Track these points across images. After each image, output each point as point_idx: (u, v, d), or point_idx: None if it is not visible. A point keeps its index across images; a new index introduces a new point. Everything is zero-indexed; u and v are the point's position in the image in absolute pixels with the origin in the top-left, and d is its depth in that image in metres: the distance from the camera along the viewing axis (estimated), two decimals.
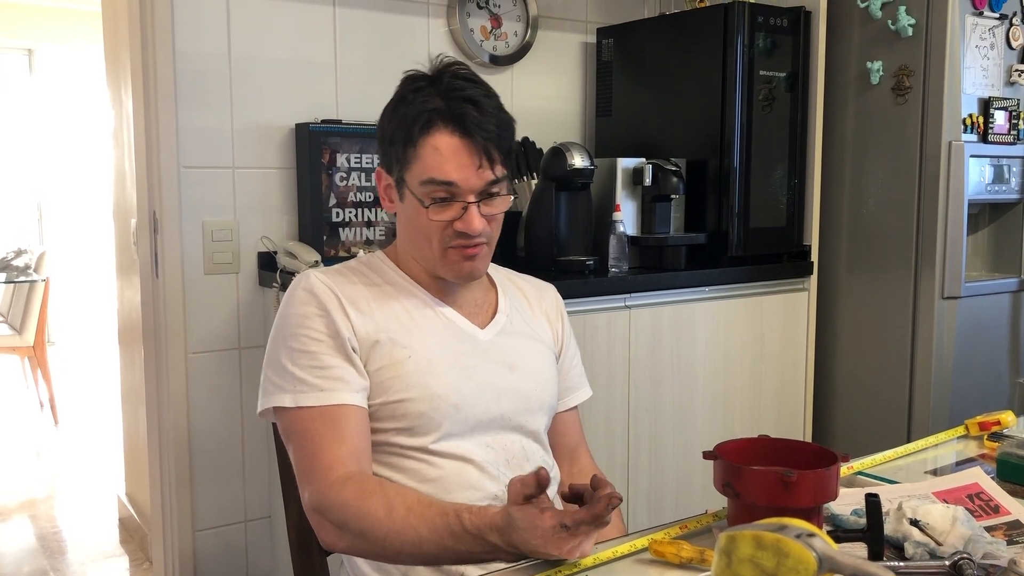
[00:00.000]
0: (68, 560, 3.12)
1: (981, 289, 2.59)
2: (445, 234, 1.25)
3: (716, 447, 1.05)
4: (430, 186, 1.23)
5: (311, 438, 1.19)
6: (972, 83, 2.50)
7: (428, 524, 1.08)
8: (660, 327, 2.36)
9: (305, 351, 1.22)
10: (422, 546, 1.08)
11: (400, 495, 1.13)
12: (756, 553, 0.62)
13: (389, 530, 1.09)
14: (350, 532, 1.14)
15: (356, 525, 1.12)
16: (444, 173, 1.22)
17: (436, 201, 1.24)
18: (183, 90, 2.18)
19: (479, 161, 1.23)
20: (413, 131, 1.23)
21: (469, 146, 1.22)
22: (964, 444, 1.49)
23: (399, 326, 1.26)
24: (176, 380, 2.21)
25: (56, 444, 4.52)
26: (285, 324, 1.25)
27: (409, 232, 1.30)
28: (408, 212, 1.28)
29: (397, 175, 1.27)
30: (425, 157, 1.23)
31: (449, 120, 1.23)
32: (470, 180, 1.23)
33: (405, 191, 1.27)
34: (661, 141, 2.62)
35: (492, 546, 1.03)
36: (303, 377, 1.20)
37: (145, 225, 2.27)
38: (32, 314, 4.77)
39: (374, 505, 1.11)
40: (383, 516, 1.10)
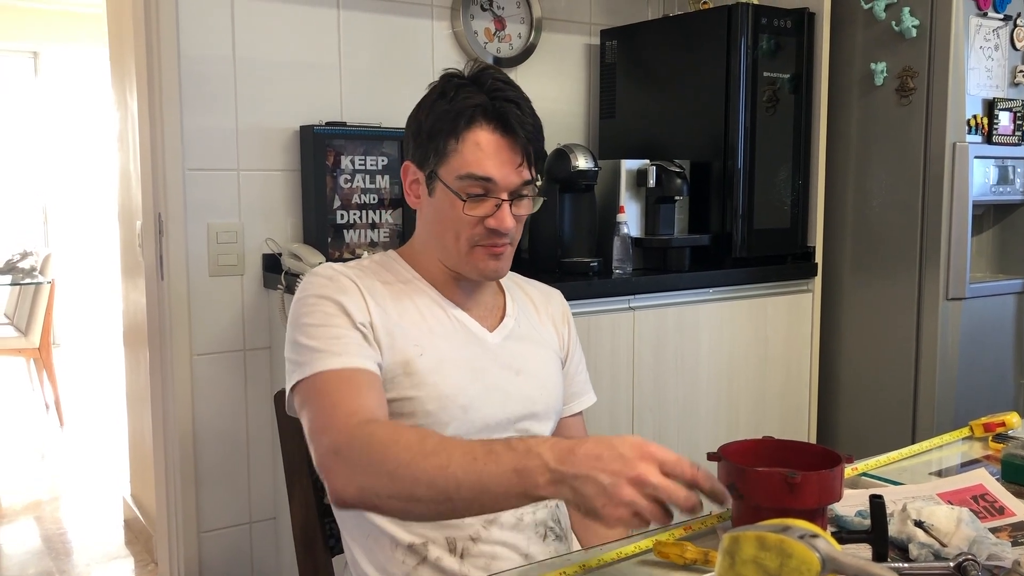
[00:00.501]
0: (73, 562, 3.12)
1: (985, 290, 2.59)
2: (475, 231, 1.25)
3: (720, 448, 1.05)
4: (467, 181, 1.23)
5: (329, 394, 1.15)
6: (976, 84, 2.49)
7: (462, 447, 1.00)
8: (664, 328, 2.36)
9: (319, 324, 1.20)
10: (448, 468, 0.98)
11: (431, 431, 1.09)
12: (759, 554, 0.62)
13: (418, 453, 1.01)
14: (372, 467, 1.04)
15: (381, 454, 1.04)
16: (484, 169, 1.22)
17: (471, 197, 1.23)
18: (188, 92, 2.18)
19: (519, 159, 1.24)
20: (458, 125, 1.23)
21: (511, 144, 1.23)
22: (969, 445, 1.49)
23: (411, 324, 1.26)
24: (181, 382, 2.22)
25: (61, 446, 4.53)
26: (302, 306, 1.24)
27: (435, 228, 1.29)
28: (438, 207, 1.27)
29: (430, 169, 1.26)
30: (465, 152, 1.23)
31: (492, 117, 1.23)
32: (508, 178, 1.24)
33: (437, 185, 1.26)
34: (665, 143, 2.62)
35: (534, 457, 0.93)
36: (315, 346, 1.18)
37: (150, 227, 2.27)
38: (37, 316, 4.78)
39: (407, 434, 1.05)
40: (415, 441, 1.03)
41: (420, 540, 1.23)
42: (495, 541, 1.24)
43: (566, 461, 0.92)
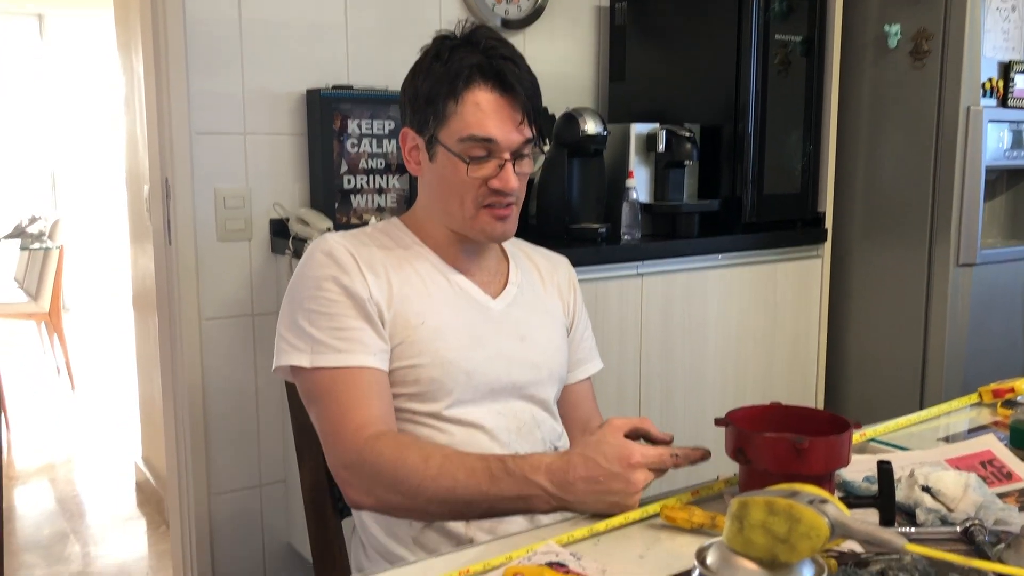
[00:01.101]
0: (87, 523, 3.17)
1: (997, 256, 2.57)
2: (479, 193, 1.24)
3: (728, 414, 1.05)
4: (469, 143, 1.22)
5: (336, 398, 1.18)
6: (992, 46, 2.45)
7: (466, 468, 1.08)
8: (672, 295, 2.35)
9: (323, 312, 1.21)
10: (456, 491, 1.08)
11: (437, 447, 1.15)
12: (768, 519, 0.62)
13: (425, 476, 1.09)
14: (382, 485, 1.12)
15: (391, 476, 1.11)
16: (485, 129, 1.21)
17: (474, 159, 1.22)
18: (194, 55, 2.17)
19: (520, 117, 1.23)
20: (456, 86, 1.21)
21: (510, 102, 1.22)
22: (977, 411, 1.49)
23: (413, 292, 1.26)
24: (190, 346, 2.22)
25: (73, 409, 4.57)
26: (303, 286, 1.25)
27: (439, 193, 1.28)
28: (440, 171, 1.26)
29: (430, 134, 1.25)
30: (465, 113, 1.22)
31: (490, 76, 1.22)
32: (510, 137, 1.23)
33: (438, 149, 1.25)
34: (675, 106, 2.59)
35: (534, 487, 1.03)
36: (321, 338, 1.20)
37: (157, 192, 2.27)
38: (47, 281, 4.81)
39: (411, 455, 1.11)
40: (420, 463, 1.10)
41: None
42: None
43: (565, 489, 1.03)
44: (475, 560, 0.93)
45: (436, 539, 1.23)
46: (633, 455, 1.01)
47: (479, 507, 1.09)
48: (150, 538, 3.03)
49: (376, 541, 1.27)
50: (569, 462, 1.03)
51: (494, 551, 0.96)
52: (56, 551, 2.93)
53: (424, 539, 1.23)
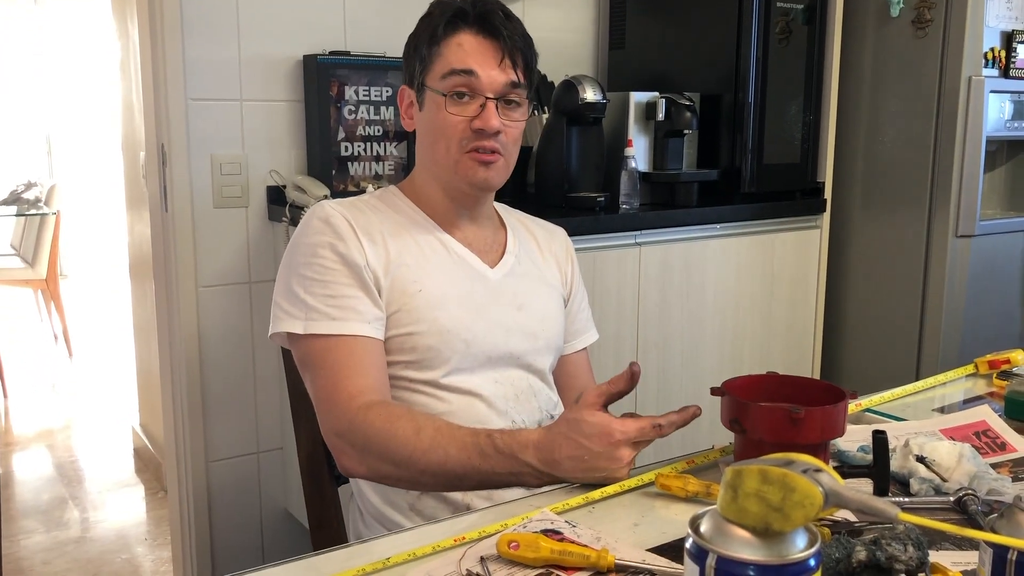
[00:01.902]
0: (86, 489, 3.18)
1: (996, 228, 2.56)
2: (463, 136, 1.24)
3: (724, 383, 1.05)
4: (450, 78, 1.23)
5: (331, 367, 1.18)
6: (995, 16, 2.43)
7: (457, 443, 1.09)
8: (671, 264, 2.35)
9: (318, 279, 1.21)
10: (447, 464, 1.09)
11: (429, 418, 1.14)
12: (762, 487, 0.62)
13: (416, 448, 1.10)
14: (373, 454, 1.14)
15: (382, 446, 1.12)
16: (464, 63, 1.22)
17: (456, 95, 1.23)
18: (189, 20, 2.14)
19: (502, 57, 1.23)
20: (437, 32, 1.24)
21: (493, 44, 1.23)
22: (973, 382, 1.49)
23: (411, 259, 1.26)
24: (187, 313, 2.22)
25: (71, 376, 4.58)
26: (298, 253, 1.25)
27: (427, 142, 1.29)
28: (427, 117, 1.27)
29: (419, 81, 1.27)
30: (447, 54, 1.23)
31: (474, 21, 1.24)
32: (491, 74, 1.23)
33: (426, 95, 1.26)
34: (675, 75, 2.57)
35: (523, 465, 1.04)
36: (315, 305, 1.20)
37: (154, 158, 2.26)
38: (44, 247, 4.79)
39: (402, 426, 1.12)
40: (411, 435, 1.11)
41: None
42: None
43: (553, 467, 1.03)
44: (471, 527, 0.93)
45: (433, 506, 1.24)
46: (613, 434, 1.00)
47: (470, 481, 1.10)
48: (148, 504, 3.06)
49: (373, 508, 1.28)
50: (554, 441, 1.03)
51: (490, 519, 0.96)
52: (55, 516, 2.95)
53: (421, 506, 1.24)
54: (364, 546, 0.93)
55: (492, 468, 1.06)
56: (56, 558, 2.68)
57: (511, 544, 0.85)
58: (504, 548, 0.85)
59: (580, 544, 0.86)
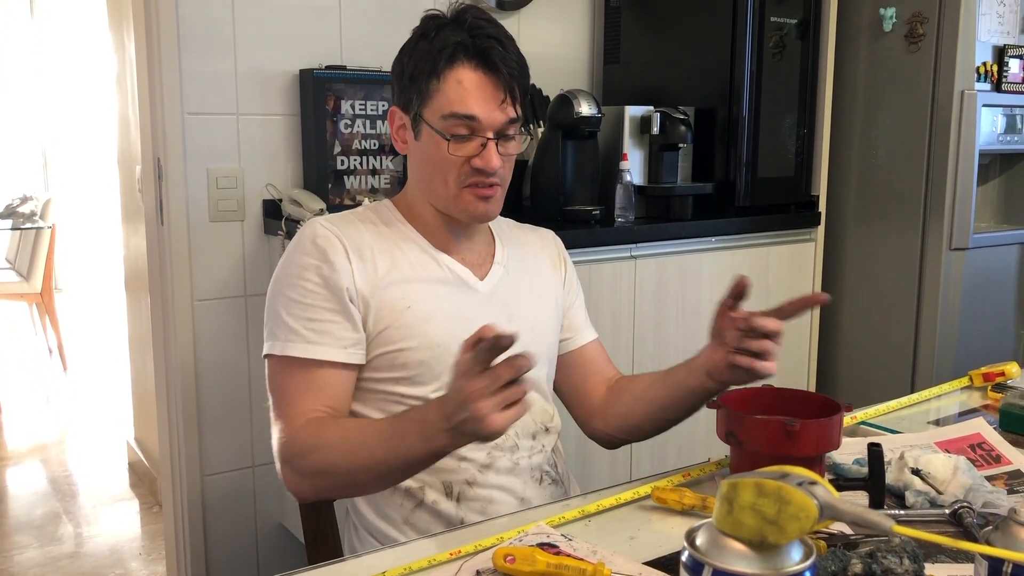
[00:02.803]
0: (80, 503, 3.17)
1: (989, 240, 2.58)
2: (462, 171, 1.24)
3: (720, 396, 1.05)
4: (451, 120, 1.21)
5: (288, 389, 1.21)
6: (987, 30, 2.45)
7: (378, 434, 1.11)
8: (666, 277, 2.35)
9: (299, 301, 1.22)
10: (375, 456, 1.10)
11: (355, 421, 1.18)
12: (758, 500, 0.62)
13: (345, 453, 1.12)
14: (310, 472, 1.16)
15: (315, 461, 1.15)
16: (466, 107, 1.21)
17: (456, 137, 1.22)
18: (186, 35, 2.15)
19: (502, 96, 1.22)
20: (437, 64, 1.21)
21: (493, 81, 1.22)
22: (968, 395, 1.49)
23: (400, 276, 1.26)
24: (183, 327, 2.22)
25: (65, 390, 4.57)
26: (286, 273, 1.26)
27: (424, 172, 1.28)
28: (424, 149, 1.26)
29: (415, 111, 1.25)
30: (447, 91, 1.21)
31: (474, 55, 1.22)
32: (492, 115, 1.22)
33: (422, 127, 1.25)
34: (669, 89, 2.59)
35: (431, 426, 1.03)
36: (294, 327, 1.22)
37: (150, 172, 2.26)
38: (39, 261, 4.79)
39: (329, 435, 1.15)
40: (338, 441, 1.14)
41: (417, 484, 1.24)
42: (491, 485, 1.25)
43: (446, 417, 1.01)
44: (466, 541, 0.93)
45: (427, 519, 1.23)
46: (456, 369, 1.00)
47: (396, 465, 1.11)
48: (143, 518, 3.04)
49: (367, 522, 1.28)
50: (447, 394, 1.03)
51: (485, 532, 0.96)
52: (48, 531, 2.93)
53: (415, 519, 1.24)
54: (359, 560, 0.93)
55: (410, 444, 1.07)
56: (50, 573, 2.67)
57: (507, 558, 0.85)
58: (500, 562, 0.85)
59: (576, 557, 0.86)
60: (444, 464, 1.23)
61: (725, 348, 1.19)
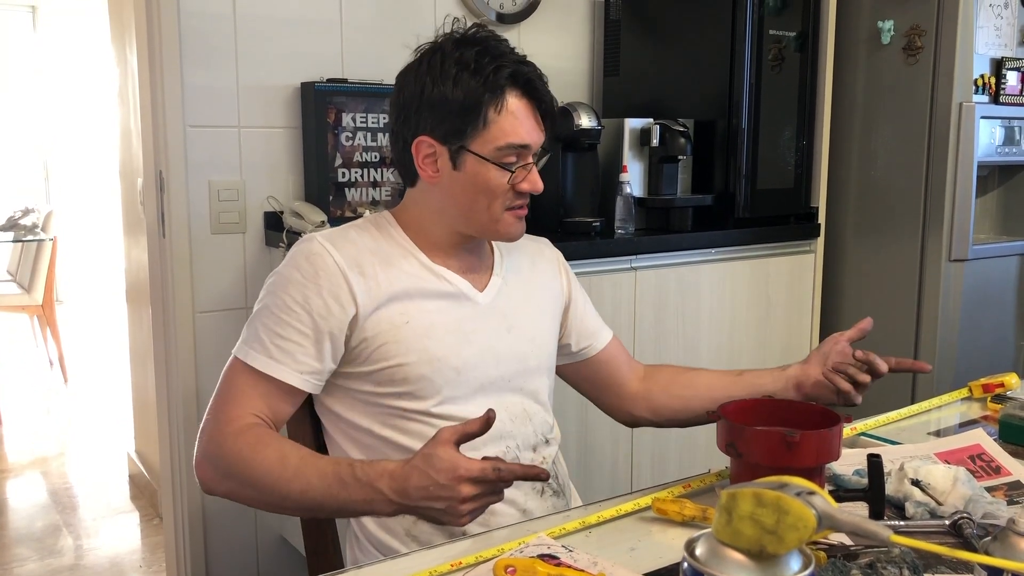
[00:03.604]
0: (80, 516, 3.16)
1: (989, 252, 2.58)
2: (507, 196, 1.26)
3: (720, 407, 1.05)
4: (507, 151, 1.24)
5: (235, 388, 1.22)
6: (985, 43, 2.46)
7: (318, 472, 1.11)
8: (666, 289, 2.36)
9: (275, 314, 1.22)
10: (308, 493, 1.11)
11: (294, 447, 1.16)
12: (756, 510, 0.62)
13: (280, 477, 1.12)
14: (235, 479, 1.16)
15: (247, 473, 1.15)
16: (520, 137, 1.24)
17: (508, 164, 1.25)
18: (188, 48, 2.16)
19: (544, 124, 1.28)
20: (496, 95, 1.22)
21: (536, 106, 1.26)
22: (967, 406, 1.50)
23: (400, 290, 1.26)
24: (184, 339, 2.22)
25: (66, 402, 4.57)
26: (273, 282, 1.26)
27: (462, 200, 1.27)
28: (470, 179, 1.25)
29: (459, 144, 1.23)
30: (504, 122, 1.23)
31: (523, 84, 1.25)
32: (537, 140, 1.27)
33: (466, 158, 1.23)
34: (669, 101, 2.60)
35: (377, 492, 1.05)
36: (262, 338, 1.22)
37: (151, 184, 2.27)
38: (40, 273, 4.80)
39: (268, 454, 1.14)
40: (276, 464, 1.13)
41: None
42: None
43: (404, 496, 1.05)
44: (467, 552, 0.93)
45: (429, 531, 1.24)
46: (458, 469, 1.02)
47: (328, 509, 1.13)
48: (143, 531, 3.04)
49: (369, 533, 1.28)
50: (408, 472, 1.05)
51: (486, 544, 0.96)
52: (49, 544, 2.93)
53: (416, 531, 1.24)
54: (360, 572, 0.93)
55: (349, 496, 1.08)
56: None
57: (508, 569, 0.85)
58: (501, 573, 0.85)
59: (577, 569, 0.87)
60: None
61: (824, 368, 1.33)
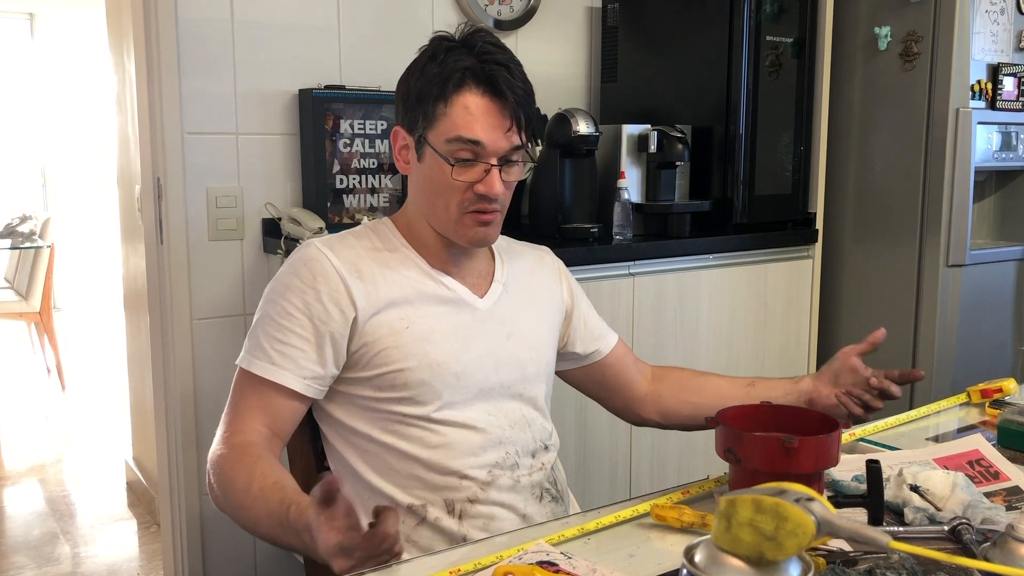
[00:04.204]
0: (77, 523, 3.16)
1: (986, 257, 2.58)
2: (465, 197, 1.24)
3: (718, 413, 1.05)
4: (456, 144, 1.22)
5: (241, 402, 1.23)
6: (981, 49, 2.47)
7: (267, 509, 1.10)
8: (664, 295, 2.36)
9: (275, 321, 1.23)
10: (258, 527, 1.12)
11: (263, 474, 1.13)
12: (755, 517, 0.62)
13: (240, 504, 1.14)
14: (218, 496, 1.18)
15: (221, 490, 1.17)
16: (472, 132, 1.21)
17: (460, 161, 1.22)
18: (186, 55, 2.16)
19: (508, 124, 1.23)
20: (445, 88, 1.21)
21: (500, 108, 1.22)
22: (966, 411, 1.50)
23: (400, 295, 1.26)
24: (182, 346, 2.22)
25: (63, 409, 4.56)
26: (272, 289, 1.27)
27: (425, 194, 1.28)
28: (427, 172, 1.26)
29: (419, 133, 1.25)
30: (454, 115, 1.21)
31: (482, 80, 1.22)
32: (497, 142, 1.22)
33: (426, 150, 1.25)
34: (667, 107, 2.60)
35: (304, 545, 1.03)
36: (263, 345, 1.23)
37: (149, 191, 2.27)
38: (38, 280, 4.79)
39: (239, 476, 1.14)
40: (240, 489, 1.14)
41: (419, 502, 1.24)
42: (493, 502, 1.25)
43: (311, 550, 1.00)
44: (466, 559, 0.93)
45: (429, 537, 1.24)
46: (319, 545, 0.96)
47: (277, 542, 1.11)
48: (141, 538, 3.03)
49: None
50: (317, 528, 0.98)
51: (485, 551, 0.96)
52: (46, 552, 2.92)
53: (417, 537, 1.24)
54: None
55: (290, 542, 1.07)
56: None
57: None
58: None
59: (575, 575, 0.86)
60: (446, 482, 1.24)
61: (837, 387, 1.34)
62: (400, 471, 1.25)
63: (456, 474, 1.24)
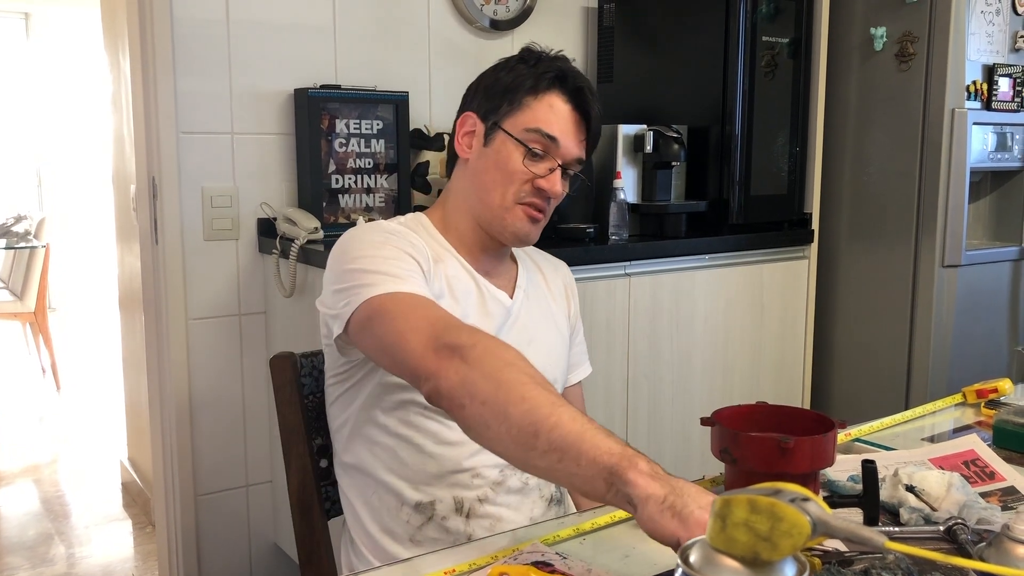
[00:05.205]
0: (72, 524, 3.15)
1: (982, 258, 2.59)
2: (523, 188, 1.28)
3: (714, 413, 1.05)
4: (533, 135, 1.27)
5: (408, 306, 1.10)
6: (977, 49, 2.47)
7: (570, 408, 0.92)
8: (660, 295, 2.36)
9: (383, 257, 1.17)
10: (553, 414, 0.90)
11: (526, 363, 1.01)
12: (750, 517, 0.62)
13: (528, 381, 0.96)
14: (482, 368, 0.98)
15: (493, 363, 0.99)
16: (551, 128, 1.28)
17: (532, 152, 1.28)
18: (181, 55, 2.16)
19: (582, 136, 1.31)
20: (538, 84, 1.28)
21: (579, 119, 1.31)
22: (961, 411, 1.50)
23: (438, 288, 1.27)
24: (177, 346, 2.22)
25: (58, 409, 4.55)
26: (360, 246, 1.20)
27: (482, 179, 1.30)
28: (493, 157, 1.29)
29: (494, 120, 1.30)
30: (538, 109, 1.28)
31: (570, 90, 1.30)
32: (570, 146, 1.29)
33: (498, 135, 1.29)
34: (663, 108, 2.60)
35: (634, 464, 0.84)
36: (382, 270, 1.15)
37: (144, 191, 2.26)
38: (33, 280, 4.78)
39: (521, 360, 1.00)
40: (527, 369, 0.99)
41: (428, 499, 1.24)
42: (501, 503, 1.26)
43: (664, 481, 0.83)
44: (461, 560, 0.93)
45: (434, 537, 1.24)
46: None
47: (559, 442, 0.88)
48: (136, 538, 3.02)
49: (369, 539, 1.28)
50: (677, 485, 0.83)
51: (480, 551, 0.96)
52: (41, 552, 2.91)
53: (421, 536, 1.24)
54: None
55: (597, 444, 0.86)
56: None
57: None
58: None
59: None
60: (459, 480, 1.24)
61: None
62: (412, 466, 1.25)
63: (469, 471, 1.25)
